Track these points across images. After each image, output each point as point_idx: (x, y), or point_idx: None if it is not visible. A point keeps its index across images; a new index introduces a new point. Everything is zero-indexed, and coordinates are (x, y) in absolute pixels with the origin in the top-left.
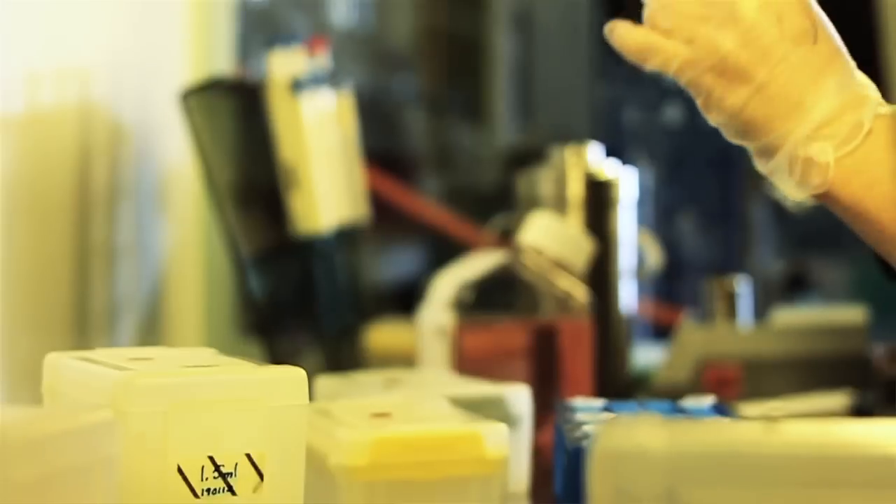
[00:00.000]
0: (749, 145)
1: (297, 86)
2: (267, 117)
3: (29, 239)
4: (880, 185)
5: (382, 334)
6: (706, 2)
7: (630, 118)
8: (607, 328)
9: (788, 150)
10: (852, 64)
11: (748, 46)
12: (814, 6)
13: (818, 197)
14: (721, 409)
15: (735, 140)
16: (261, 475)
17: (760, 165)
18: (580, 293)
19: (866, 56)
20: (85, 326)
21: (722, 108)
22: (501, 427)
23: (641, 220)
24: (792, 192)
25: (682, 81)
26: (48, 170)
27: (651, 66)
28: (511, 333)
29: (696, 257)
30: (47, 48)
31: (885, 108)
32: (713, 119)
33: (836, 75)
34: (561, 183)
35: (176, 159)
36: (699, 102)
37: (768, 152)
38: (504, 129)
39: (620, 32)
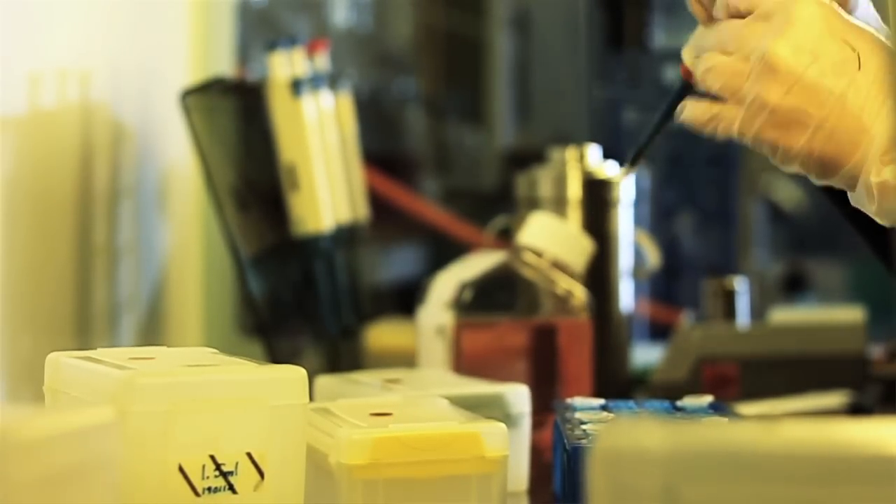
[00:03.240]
0: (835, 184)
1: (297, 86)
2: (267, 118)
3: (30, 239)
4: None
5: (382, 334)
6: (744, 56)
7: (629, 119)
8: (606, 328)
9: (864, 179)
10: None
11: (792, 92)
12: (852, 32)
13: None
14: (719, 409)
15: (821, 182)
16: (261, 474)
17: (851, 199)
18: (579, 293)
19: None
20: (86, 326)
21: (791, 157)
22: (501, 427)
23: (640, 221)
24: (880, 219)
25: (748, 141)
26: (49, 170)
27: (719, 133)
28: (510, 333)
29: (695, 257)
30: (48, 48)
31: None
32: (790, 169)
33: (891, 94)
34: (560, 183)
35: (177, 160)
36: (771, 157)
37: (849, 185)
38: (503, 130)
39: (688, 111)
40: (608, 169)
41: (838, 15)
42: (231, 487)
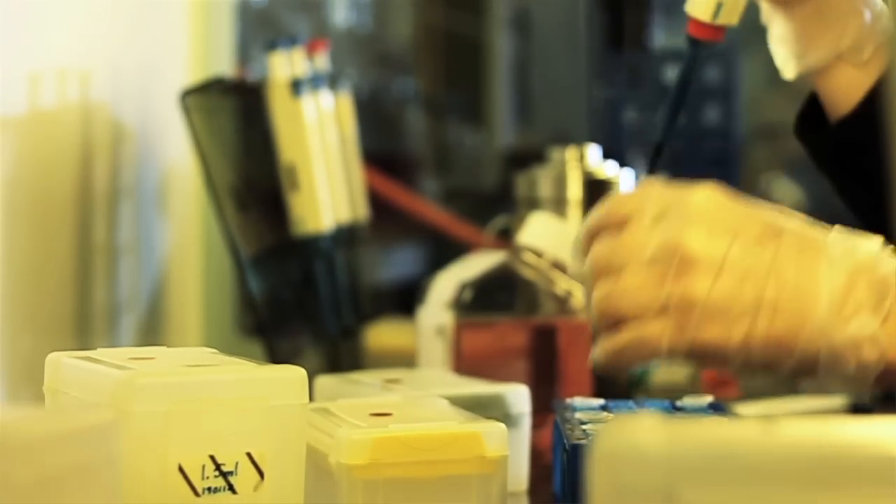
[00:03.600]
0: (794, 373)
1: (296, 86)
2: (267, 118)
3: (30, 239)
4: None
5: (382, 334)
6: (645, 263)
7: (629, 119)
8: None
9: (827, 345)
10: (832, 234)
11: (720, 279)
12: (753, 205)
13: (882, 378)
14: (719, 409)
15: (783, 374)
16: (261, 474)
17: (810, 390)
18: (579, 293)
19: None
20: (86, 326)
21: (736, 351)
22: (501, 427)
23: None
24: (856, 386)
25: (683, 354)
26: (49, 170)
27: (645, 360)
28: (510, 333)
29: None
30: (48, 48)
31: None
32: (740, 370)
33: (823, 256)
34: (560, 183)
35: (177, 160)
36: (712, 364)
37: (808, 365)
38: (503, 130)
39: (598, 351)
40: (608, 169)
41: (726, 194)
42: (231, 487)
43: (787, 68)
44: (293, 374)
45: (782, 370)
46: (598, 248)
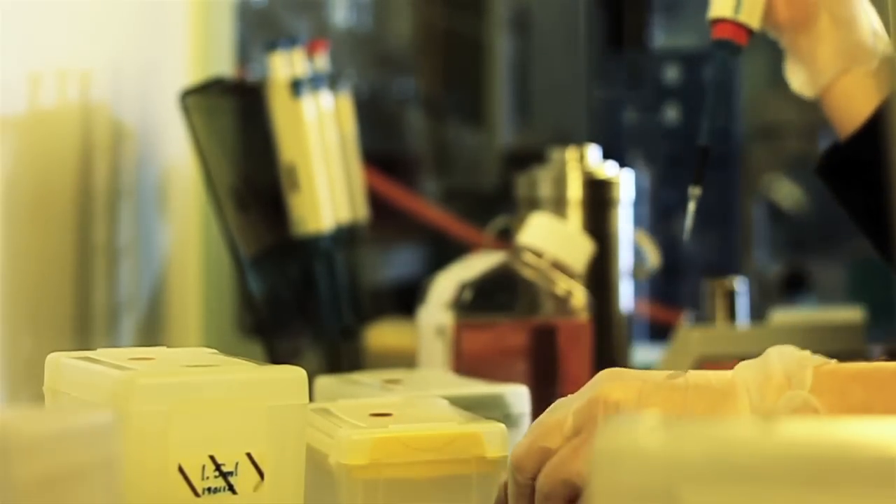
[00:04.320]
0: None
1: (296, 87)
2: (267, 118)
3: (30, 239)
4: (878, 401)
5: (382, 334)
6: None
7: (629, 119)
8: (606, 328)
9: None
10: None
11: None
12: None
13: None
14: None
15: None
16: (261, 474)
17: None
18: (579, 293)
19: None
20: (86, 326)
21: None
22: (501, 427)
23: (640, 221)
24: None
25: None
26: (49, 170)
27: None
28: (510, 333)
29: (695, 258)
30: (48, 48)
31: (817, 361)
32: None
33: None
34: (560, 184)
35: (177, 160)
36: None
37: None
38: (503, 130)
39: None
40: (608, 169)
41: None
42: (231, 488)
43: (806, 90)
44: (293, 375)
45: None
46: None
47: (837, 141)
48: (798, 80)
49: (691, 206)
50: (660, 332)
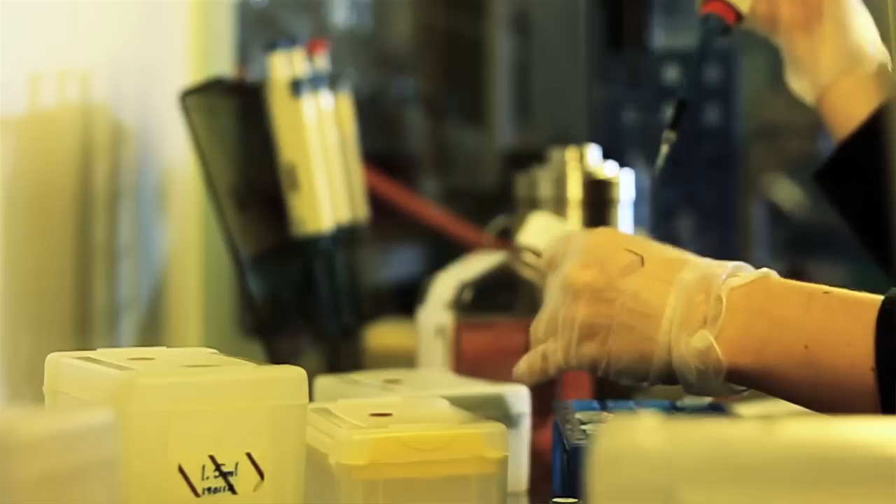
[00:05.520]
0: (654, 380)
1: (296, 87)
2: (267, 118)
3: (30, 239)
4: (776, 337)
5: (382, 334)
6: (555, 293)
7: (629, 119)
8: None
9: (675, 356)
10: (690, 260)
11: (591, 303)
12: (633, 242)
13: (734, 382)
14: (719, 410)
15: (647, 384)
16: (261, 474)
17: (685, 392)
18: None
19: None
20: (86, 326)
21: (607, 364)
22: (501, 427)
23: (640, 221)
24: (708, 392)
25: (576, 367)
26: (49, 170)
27: (551, 371)
28: (510, 333)
29: None
30: (49, 49)
31: (739, 280)
32: (616, 378)
33: (674, 281)
34: (560, 184)
35: (176, 160)
36: (600, 373)
37: (666, 374)
38: (503, 130)
39: (519, 366)
40: (608, 169)
41: (620, 233)
42: (231, 488)
43: (806, 95)
44: (293, 375)
45: (650, 379)
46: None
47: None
48: (797, 83)
49: (664, 149)
50: None
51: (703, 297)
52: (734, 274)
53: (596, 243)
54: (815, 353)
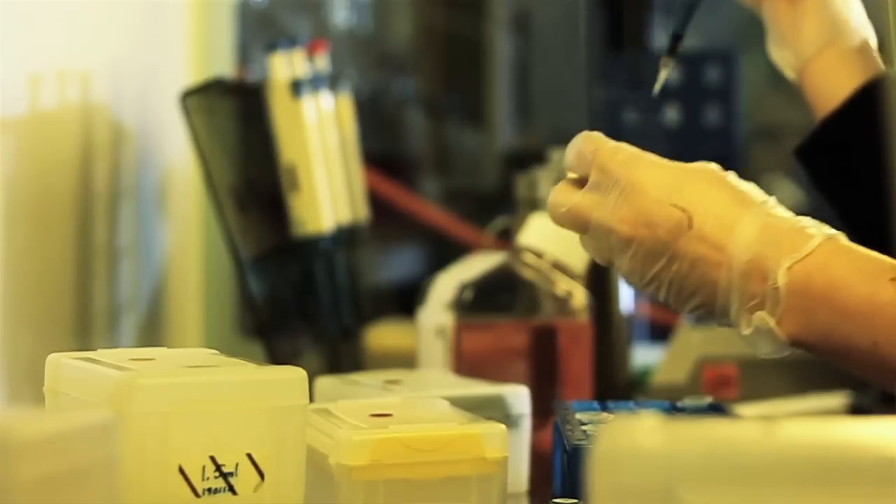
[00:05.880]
0: (690, 308)
1: (297, 87)
2: (267, 119)
3: (30, 240)
4: (841, 327)
5: (382, 335)
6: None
7: (629, 120)
8: (606, 329)
9: (736, 329)
10: (743, 221)
11: (638, 258)
12: (682, 194)
13: (796, 347)
14: (719, 410)
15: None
16: (262, 475)
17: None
18: (579, 294)
19: None
20: (86, 327)
21: (672, 303)
22: (501, 427)
23: None
24: (769, 354)
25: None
26: (49, 171)
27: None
28: (510, 334)
29: None
30: (49, 49)
31: (799, 251)
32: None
33: (729, 243)
34: None
35: (177, 160)
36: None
37: (707, 306)
38: (503, 131)
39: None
40: None
41: (661, 174)
42: (231, 488)
43: (787, 67)
44: (293, 375)
45: (713, 321)
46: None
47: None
48: (779, 54)
49: (663, 74)
50: (660, 332)
51: (760, 280)
52: (794, 242)
53: (638, 190)
54: (885, 350)
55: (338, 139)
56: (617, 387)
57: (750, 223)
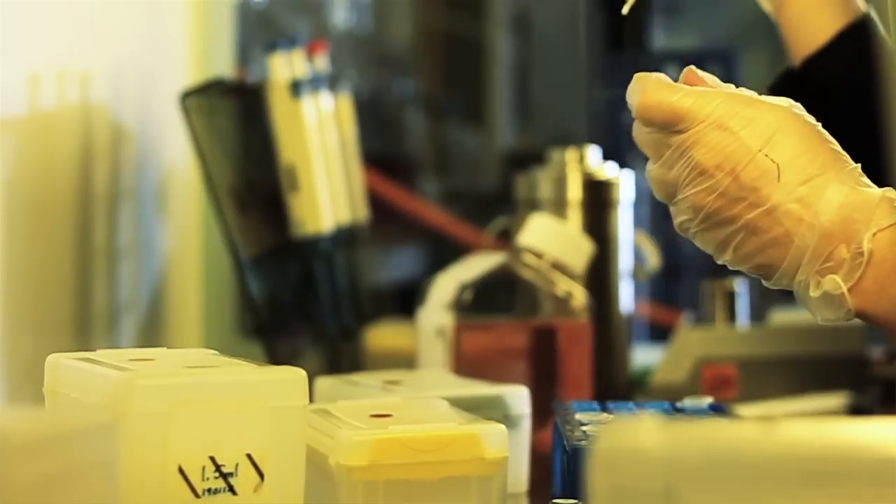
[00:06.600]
0: (753, 268)
1: (296, 88)
2: (267, 119)
3: (30, 240)
4: None
5: (382, 335)
6: (670, 165)
7: (629, 119)
8: (606, 329)
9: (801, 289)
10: (832, 184)
11: (720, 201)
12: (770, 143)
13: (859, 319)
14: (719, 410)
15: (772, 286)
16: (261, 475)
17: (798, 302)
18: (579, 294)
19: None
20: (86, 327)
21: (730, 261)
22: (501, 427)
23: (640, 222)
24: (828, 320)
25: (698, 244)
26: (49, 171)
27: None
28: (510, 334)
29: (695, 259)
30: (48, 50)
31: (886, 220)
32: (731, 266)
33: (815, 203)
34: (560, 185)
35: (176, 161)
36: (719, 260)
37: (768, 271)
38: (503, 131)
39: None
40: (608, 170)
41: (761, 118)
42: (231, 489)
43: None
44: (293, 376)
45: (769, 283)
46: (651, 135)
47: (790, 67)
48: None
49: None
50: (660, 332)
51: (843, 244)
52: (883, 210)
53: (734, 132)
54: None
55: (337, 139)
56: (617, 387)
57: (841, 185)
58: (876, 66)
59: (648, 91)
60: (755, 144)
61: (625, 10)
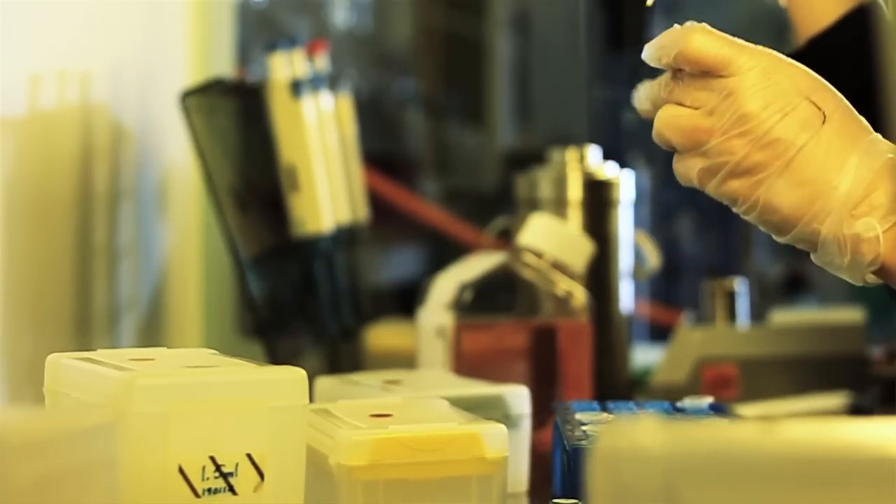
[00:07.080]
0: (794, 241)
1: (297, 88)
2: (267, 119)
3: (30, 240)
4: None
5: (382, 335)
6: (709, 110)
7: (629, 119)
8: (606, 329)
9: (832, 231)
10: (875, 135)
11: (757, 147)
12: (817, 90)
13: (876, 273)
14: (719, 410)
15: (784, 240)
16: (261, 475)
17: (814, 259)
18: (579, 294)
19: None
20: (86, 327)
21: (748, 207)
22: (501, 427)
23: (640, 221)
24: (848, 275)
25: (708, 191)
26: (49, 171)
27: (681, 180)
28: (510, 334)
29: (695, 258)
30: (48, 50)
31: None
32: (753, 221)
33: (856, 150)
34: (560, 184)
35: (177, 161)
36: (734, 209)
37: (812, 243)
38: (503, 131)
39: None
40: (608, 170)
41: (804, 73)
42: (231, 489)
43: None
44: (293, 376)
45: (789, 238)
46: (689, 80)
47: (796, 49)
48: None
49: None
50: (660, 332)
51: (883, 183)
52: None
53: (779, 79)
54: None
55: (338, 139)
56: (617, 387)
57: (879, 138)
58: (878, 48)
59: (697, 34)
60: (805, 90)
61: (649, 1)
